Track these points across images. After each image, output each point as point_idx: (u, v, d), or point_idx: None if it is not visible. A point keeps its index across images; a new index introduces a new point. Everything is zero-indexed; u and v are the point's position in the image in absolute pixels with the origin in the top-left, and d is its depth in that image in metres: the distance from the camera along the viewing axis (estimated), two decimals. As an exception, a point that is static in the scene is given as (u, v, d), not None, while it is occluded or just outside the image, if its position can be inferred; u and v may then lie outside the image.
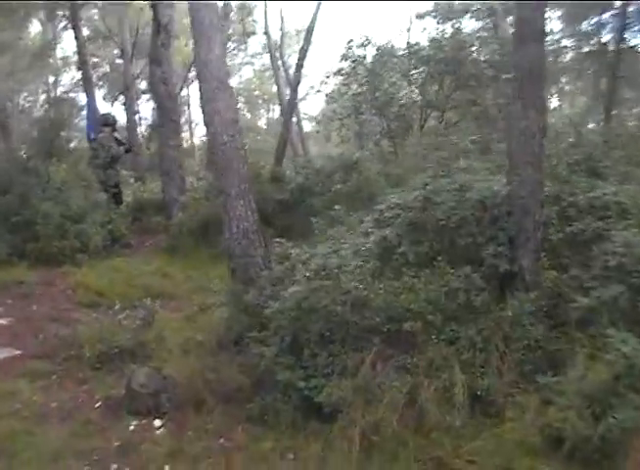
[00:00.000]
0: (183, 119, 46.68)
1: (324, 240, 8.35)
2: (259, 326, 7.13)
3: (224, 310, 8.26)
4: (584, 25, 24.67)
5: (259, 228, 8.47)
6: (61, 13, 28.76)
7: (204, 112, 8.56)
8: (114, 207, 16.23)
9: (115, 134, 17.89)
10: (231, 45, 33.78)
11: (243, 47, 35.20)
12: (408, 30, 23.85)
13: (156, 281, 12.02)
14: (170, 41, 17.55)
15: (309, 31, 20.34)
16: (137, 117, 30.71)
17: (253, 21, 31.44)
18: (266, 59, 49.39)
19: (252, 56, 39.05)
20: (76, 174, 15.65)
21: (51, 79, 45.83)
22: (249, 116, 54.89)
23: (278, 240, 8.11)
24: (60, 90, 44.97)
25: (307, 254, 7.43)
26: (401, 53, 18.88)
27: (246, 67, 42.18)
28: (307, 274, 6.78)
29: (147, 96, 33.82)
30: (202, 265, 13.22)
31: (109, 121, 18.02)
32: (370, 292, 6.50)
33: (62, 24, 37.00)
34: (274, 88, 48.22)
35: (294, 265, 7.36)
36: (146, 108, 36.23)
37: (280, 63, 30.61)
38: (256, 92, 50.41)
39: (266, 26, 30.41)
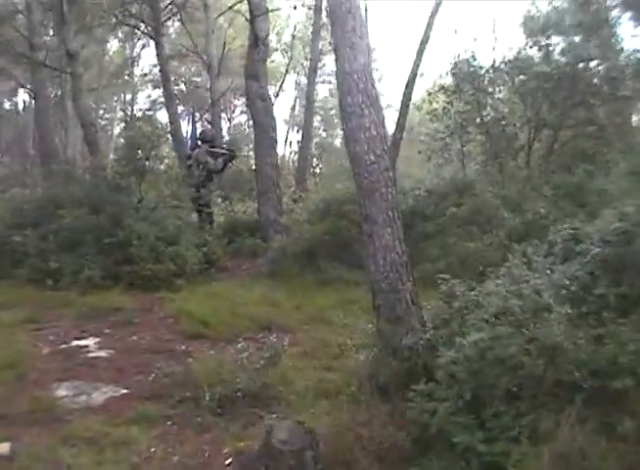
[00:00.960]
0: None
1: (473, 274, 7.03)
2: (420, 375, 5.99)
3: (368, 353, 7.03)
4: None
5: (408, 260, 7.29)
6: (139, 31, 28.12)
7: (346, 128, 7.46)
8: (209, 227, 15.32)
9: (213, 150, 16.81)
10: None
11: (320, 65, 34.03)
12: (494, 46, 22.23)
13: (262, 310, 10.96)
14: (267, 56, 16.70)
15: (420, 51, 19.11)
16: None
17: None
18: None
19: (329, 74, 37.81)
20: (170, 193, 14.67)
21: (127, 97, 45.94)
22: (324, 134, 54.39)
23: (442, 276, 6.84)
24: (136, 108, 44.97)
25: (478, 292, 6.18)
26: (507, 67, 17.57)
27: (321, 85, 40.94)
28: (487, 318, 5.58)
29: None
30: (309, 293, 12.30)
31: (206, 137, 17.23)
32: (566, 341, 5.26)
33: (140, 43, 37.02)
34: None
35: (466, 306, 6.13)
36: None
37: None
38: (333, 111, 49.78)
39: None
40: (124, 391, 7.51)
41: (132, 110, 47.04)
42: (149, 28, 25.30)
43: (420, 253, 13.23)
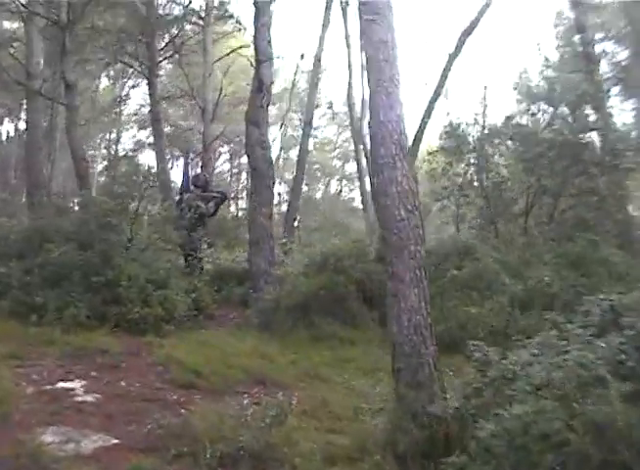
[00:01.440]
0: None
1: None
2: (442, 446, 5.59)
3: (384, 418, 6.58)
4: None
5: (432, 323, 6.90)
6: (132, 70, 28.01)
7: (377, 180, 7.10)
8: (198, 273, 14.86)
9: (204, 194, 16.43)
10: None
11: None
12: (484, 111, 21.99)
13: (255, 363, 10.52)
14: (269, 102, 16.44)
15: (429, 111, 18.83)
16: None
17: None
18: (328, 131, 49.10)
19: (316, 128, 37.72)
20: (160, 236, 14.22)
21: (112, 135, 45.69)
22: (305, 188, 54.29)
23: (475, 343, 6.43)
24: (120, 147, 44.71)
25: (514, 362, 5.77)
26: (510, 132, 17.39)
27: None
28: (529, 389, 5.16)
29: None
30: (302, 348, 11.93)
31: (199, 182, 16.91)
32: (616, 418, 4.84)
33: (130, 82, 36.84)
34: (334, 162, 47.84)
35: (503, 376, 5.70)
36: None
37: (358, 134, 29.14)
38: (316, 165, 49.62)
39: (349, 96, 29.20)
40: (115, 440, 6.96)
41: (116, 149, 46.76)
42: (142, 67, 25.04)
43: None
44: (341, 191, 51.96)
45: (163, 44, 25.96)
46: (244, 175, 47.14)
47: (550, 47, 28.69)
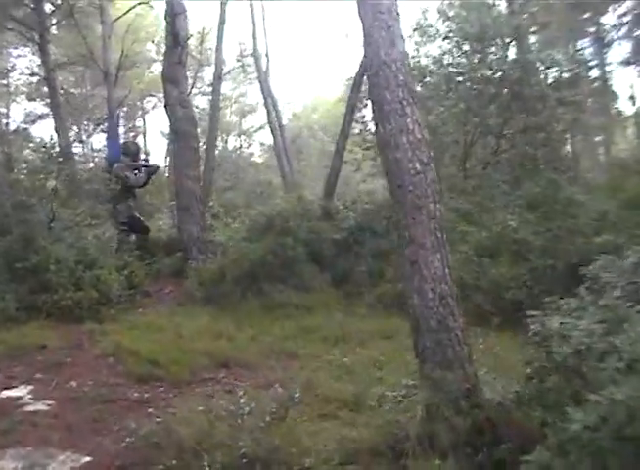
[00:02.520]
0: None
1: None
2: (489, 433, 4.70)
3: (414, 405, 5.62)
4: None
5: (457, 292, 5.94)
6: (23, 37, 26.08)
7: (383, 131, 6.02)
8: (129, 246, 13.67)
9: (134, 164, 15.10)
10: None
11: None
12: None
13: (213, 344, 9.54)
14: (186, 58, 15.22)
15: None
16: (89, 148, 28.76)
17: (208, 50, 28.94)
18: (224, 87, 47.73)
19: (209, 85, 36.27)
20: (84, 211, 13.02)
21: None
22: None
23: (532, 313, 5.46)
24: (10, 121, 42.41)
25: (588, 332, 4.83)
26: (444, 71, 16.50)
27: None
28: (621, 366, 4.25)
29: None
30: (257, 321, 11.03)
31: (129, 150, 15.49)
32: None
33: (16, 52, 34.64)
34: (231, 118, 46.51)
35: (577, 350, 4.74)
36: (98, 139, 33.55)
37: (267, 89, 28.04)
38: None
39: (255, 48, 27.98)
40: (87, 458, 5.87)
41: (7, 123, 44.43)
42: (31, 34, 23.37)
43: (375, 273, 12.09)
44: (240, 147, 50.70)
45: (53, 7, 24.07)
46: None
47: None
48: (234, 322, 10.79)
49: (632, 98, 29.41)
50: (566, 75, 15.69)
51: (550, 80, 15.66)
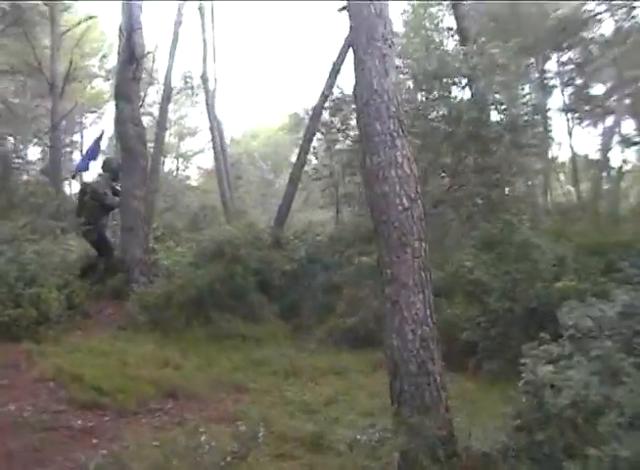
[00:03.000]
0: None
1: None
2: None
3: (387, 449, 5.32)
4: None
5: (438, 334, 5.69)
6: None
7: (371, 163, 5.75)
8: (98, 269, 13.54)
9: (114, 182, 14.81)
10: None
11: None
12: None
13: (159, 372, 9.13)
14: (142, 75, 14.87)
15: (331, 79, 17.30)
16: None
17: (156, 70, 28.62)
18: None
19: (151, 105, 35.83)
20: (25, 225, 12.55)
21: None
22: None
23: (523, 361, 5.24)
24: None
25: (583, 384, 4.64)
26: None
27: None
28: (620, 422, 4.06)
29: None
30: (204, 350, 10.65)
31: (111, 166, 14.97)
32: None
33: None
34: (169, 139, 45.99)
35: (573, 402, 4.53)
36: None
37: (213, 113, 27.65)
38: (150, 144, 47.83)
39: (204, 71, 27.62)
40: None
41: None
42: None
43: (325, 306, 11.82)
44: (178, 169, 50.17)
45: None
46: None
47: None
48: (180, 350, 10.40)
49: (570, 146, 30.05)
50: (524, 118, 15.59)
51: (505, 122, 15.50)
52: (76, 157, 40.67)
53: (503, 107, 15.45)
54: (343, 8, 12.31)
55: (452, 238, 13.03)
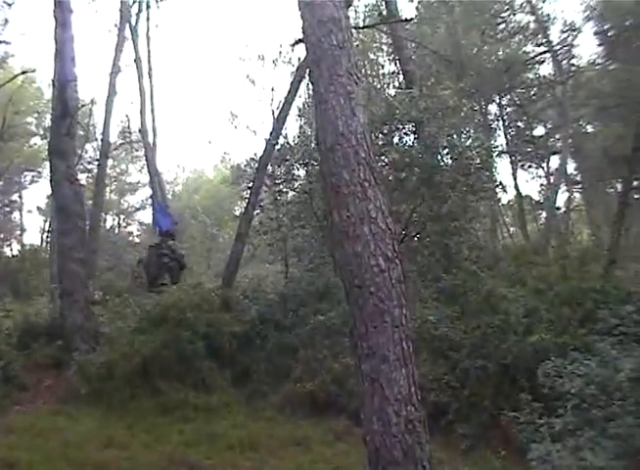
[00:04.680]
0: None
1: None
2: None
3: None
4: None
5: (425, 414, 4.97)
6: None
7: (339, 219, 5.02)
8: None
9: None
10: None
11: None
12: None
13: (103, 453, 8.34)
14: (76, 131, 14.18)
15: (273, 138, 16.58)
16: None
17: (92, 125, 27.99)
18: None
19: (90, 162, 34.92)
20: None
21: None
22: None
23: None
24: None
25: None
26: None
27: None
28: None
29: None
30: (152, 425, 9.78)
31: (170, 230, 16.36)
32: None
33: None
34: (109, 196, 45.21)
35: None
36: None
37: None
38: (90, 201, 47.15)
39: (142, 123, 26.73)
40: None
41: None
42: None
43: (280, 370, 11.14)
44: (119, 226, 49.31)
45: None
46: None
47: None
48: (125, 426, 9.64)
49: (515, 187, 30.01)
50: (477, 161, 15.15)
51: (458, 166, 15.05)
52: (17, 216, 40.08)
53: (458, 150, 14.92)
54: (299, 41, 11.75)
55: (411, 291, 12.37)
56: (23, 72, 24.09)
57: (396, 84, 24.35)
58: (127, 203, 47.59)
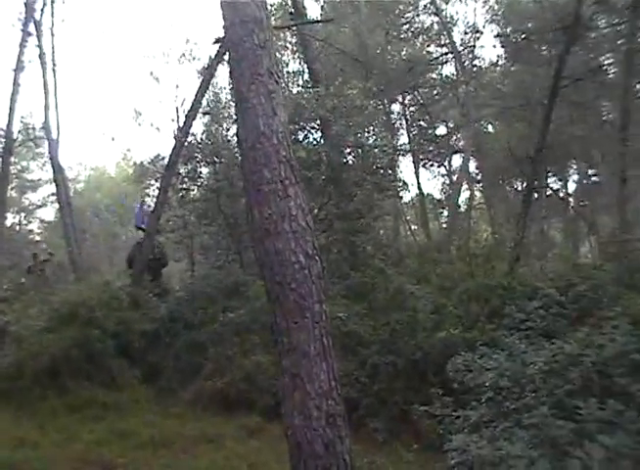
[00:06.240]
0: None
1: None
2: None
3: None
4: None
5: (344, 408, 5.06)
6: None
7: (259, 217, 5.03)
8: None
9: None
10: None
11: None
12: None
13: (15, 453, 8.15)
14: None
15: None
16: None
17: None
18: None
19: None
20: None
21: None
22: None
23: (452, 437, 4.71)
24: None
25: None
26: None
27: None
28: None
29: None
30: (63, 423, 9.62)
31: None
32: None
33: None
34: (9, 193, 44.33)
35: None
36: None
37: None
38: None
39: (46, 118, 26.10)
40: None
41: None
42: None
43: (190, 367, 11.14)
44: (20, 224, 48.29)
45: None
46: None
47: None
48: (36, 425, 9.48)
49: (418, 186, 30.46)
50: (384, 160, 15.34)
51: (365, 165, 15.22)
52: None
53: (365, 149, 15.10)
54: (220, 39, 11.68)
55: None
56: None
57: (300, 83, 24.22)
58: (28, 200, 46.52)
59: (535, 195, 17.75)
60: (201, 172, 16.82)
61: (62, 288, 14.07)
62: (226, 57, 14.82)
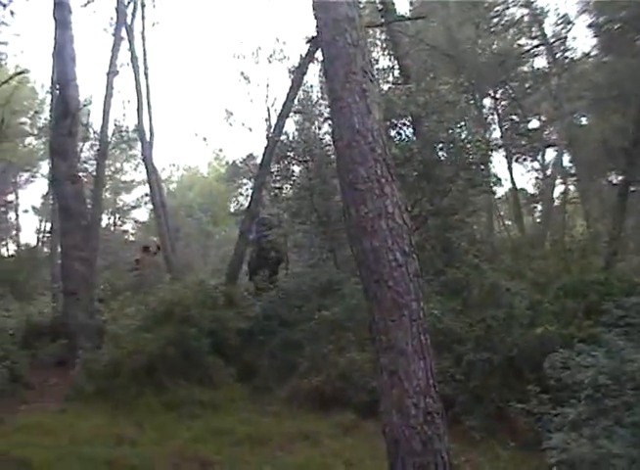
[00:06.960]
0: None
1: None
2: None
3: None
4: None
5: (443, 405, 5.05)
6: None
7: (356, 215, 5.05)
8: None
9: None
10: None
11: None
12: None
13: (114, 450, 8.30)
14: (78, 130, 14.18)
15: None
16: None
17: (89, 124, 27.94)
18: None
19: (85, 161, 34.85)
20: None
21: None
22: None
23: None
24: None
25: None
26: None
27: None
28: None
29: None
30: (160, 421, 9.78)
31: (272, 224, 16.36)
32: None
33: None
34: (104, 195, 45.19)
35: None
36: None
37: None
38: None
39: (139, 121, 26.51)
40: None
41: None
42: None
43: (285, 365, 11.19)
44: (115, 225, 49.30)
45: None
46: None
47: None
48: (134, 423, 9.64)
49: (511, 180, 30.02)
50: (477, 156, 15.12)
51: (459, 160, 15.03)
52: (12, 216, 40.03)
53: (459, 144, 14.92)
54: (312, 38, 11.71)
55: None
56: (19, 73, 24.02)
57: (390, 79, 24.12)
58: (122, 201, 47.43)
59: (632, 188, 17.27)
60: (293, 171, 16.80)
61: (158, 288, 14.23)
62: (317, 56, 14.90)
